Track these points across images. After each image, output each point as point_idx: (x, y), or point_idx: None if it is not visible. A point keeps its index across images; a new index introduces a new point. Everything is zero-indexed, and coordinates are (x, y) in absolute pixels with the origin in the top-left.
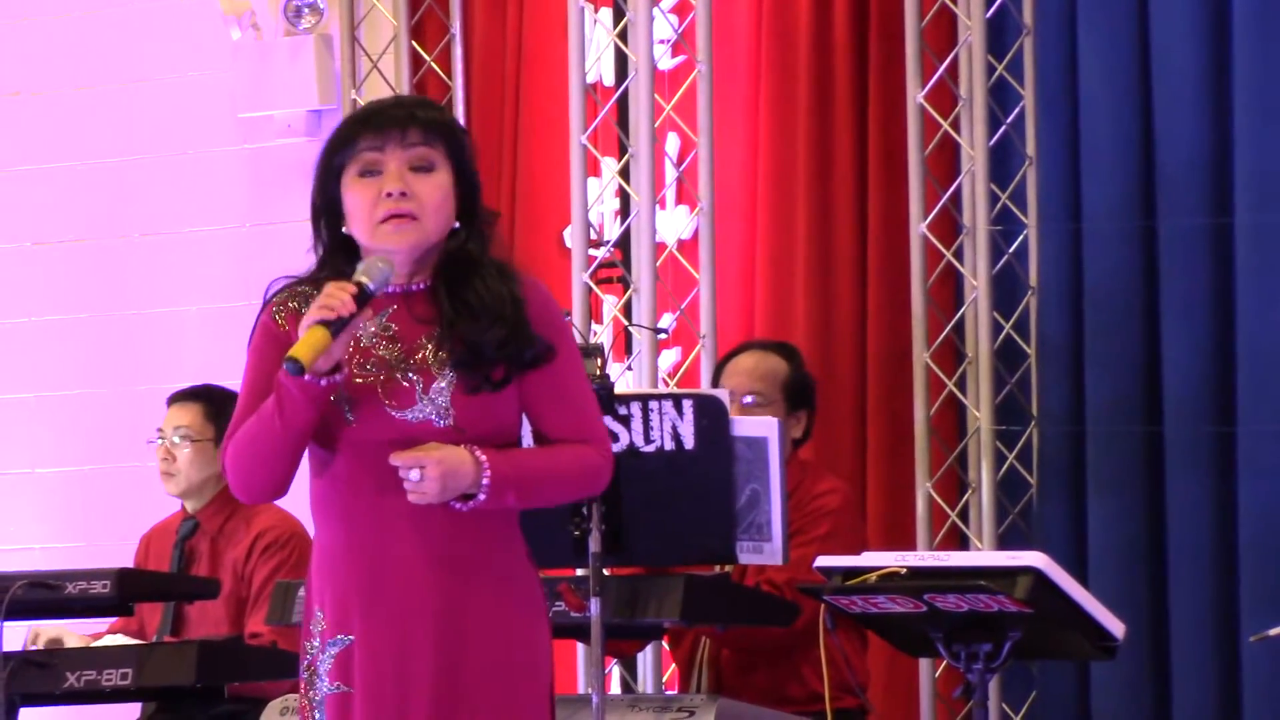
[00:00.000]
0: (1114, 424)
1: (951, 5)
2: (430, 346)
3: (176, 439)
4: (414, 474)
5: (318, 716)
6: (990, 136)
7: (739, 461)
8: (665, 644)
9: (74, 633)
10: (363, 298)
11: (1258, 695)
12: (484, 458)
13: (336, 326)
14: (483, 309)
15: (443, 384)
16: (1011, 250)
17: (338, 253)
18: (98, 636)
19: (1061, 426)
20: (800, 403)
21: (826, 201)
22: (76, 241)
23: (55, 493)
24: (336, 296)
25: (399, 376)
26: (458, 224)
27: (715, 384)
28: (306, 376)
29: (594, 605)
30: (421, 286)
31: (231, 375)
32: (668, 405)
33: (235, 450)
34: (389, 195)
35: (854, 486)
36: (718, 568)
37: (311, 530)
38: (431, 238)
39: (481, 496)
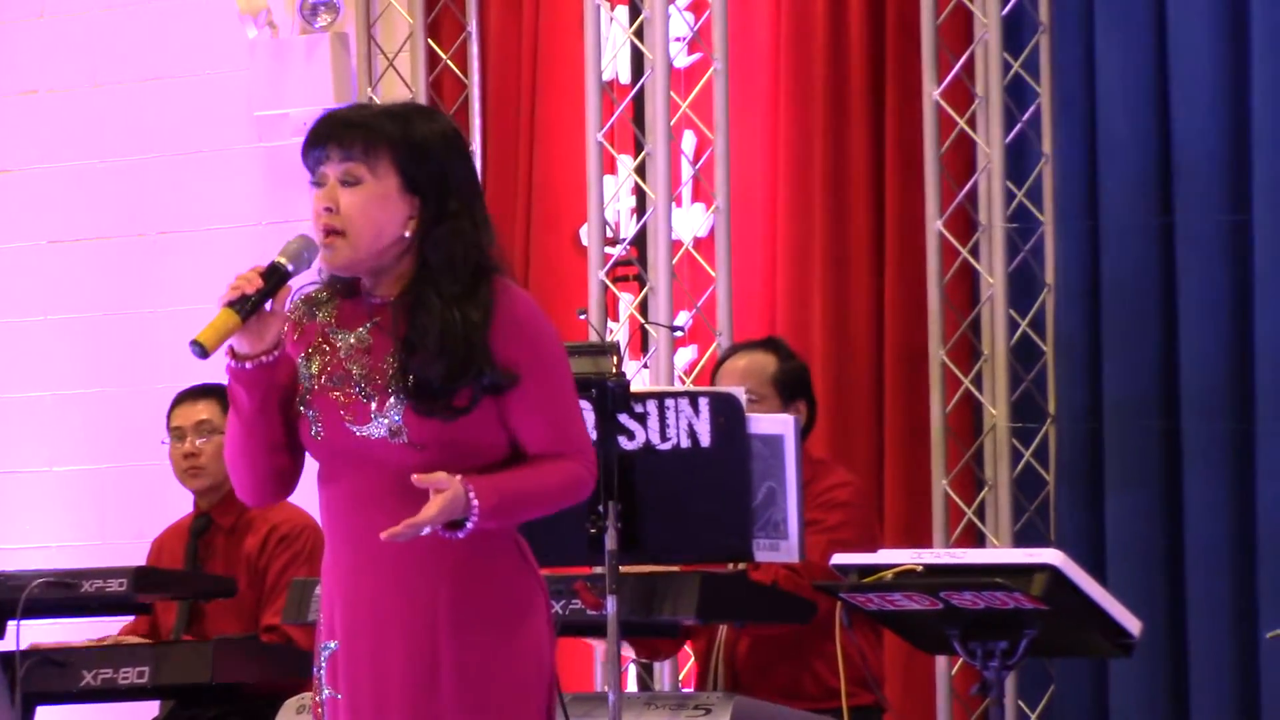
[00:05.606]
0: (1131, 421)
1: (968, 3)
2: (392, 362)
3: (200, 435)
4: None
5: None
6: (1006, 134)
7: (755, 459)
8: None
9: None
10: (276, 276)
11: (1275, 691)
12: (475, 499)
13: (243, 306)
14: (430, 339)
15: (395, 403)
16: (1028, 248)
17: None
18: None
19: (1078, 424)
20: (794, 394)
21: (842, 199)
22: (93, 240)
23: (72, 491)
24: (244, 276)
25: (358, 392)
26: (408, 234)
27: None
28: (239, 362)
29: (610, 603)
30: (390, 300)
31: None
32: (684, 403)
33: (224, 449)
34: (326, 210)
35: (870, 483)
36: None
37: None
38: (362, 253)
39: (469, 526)
